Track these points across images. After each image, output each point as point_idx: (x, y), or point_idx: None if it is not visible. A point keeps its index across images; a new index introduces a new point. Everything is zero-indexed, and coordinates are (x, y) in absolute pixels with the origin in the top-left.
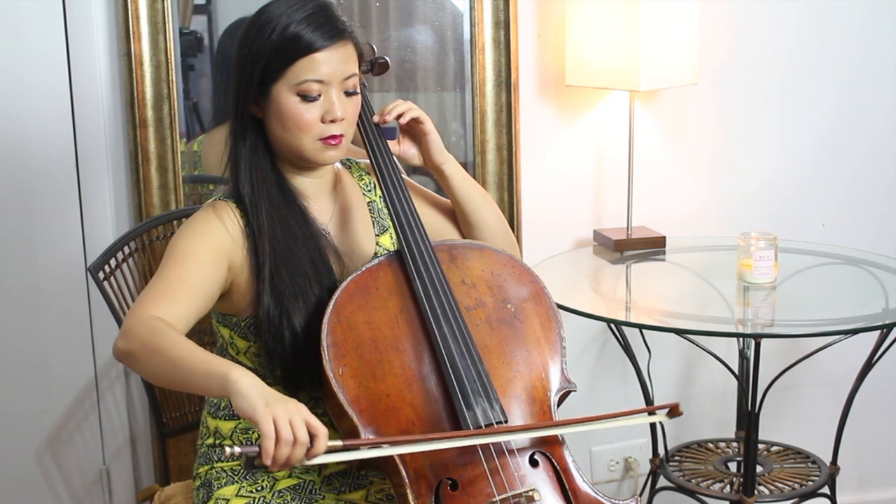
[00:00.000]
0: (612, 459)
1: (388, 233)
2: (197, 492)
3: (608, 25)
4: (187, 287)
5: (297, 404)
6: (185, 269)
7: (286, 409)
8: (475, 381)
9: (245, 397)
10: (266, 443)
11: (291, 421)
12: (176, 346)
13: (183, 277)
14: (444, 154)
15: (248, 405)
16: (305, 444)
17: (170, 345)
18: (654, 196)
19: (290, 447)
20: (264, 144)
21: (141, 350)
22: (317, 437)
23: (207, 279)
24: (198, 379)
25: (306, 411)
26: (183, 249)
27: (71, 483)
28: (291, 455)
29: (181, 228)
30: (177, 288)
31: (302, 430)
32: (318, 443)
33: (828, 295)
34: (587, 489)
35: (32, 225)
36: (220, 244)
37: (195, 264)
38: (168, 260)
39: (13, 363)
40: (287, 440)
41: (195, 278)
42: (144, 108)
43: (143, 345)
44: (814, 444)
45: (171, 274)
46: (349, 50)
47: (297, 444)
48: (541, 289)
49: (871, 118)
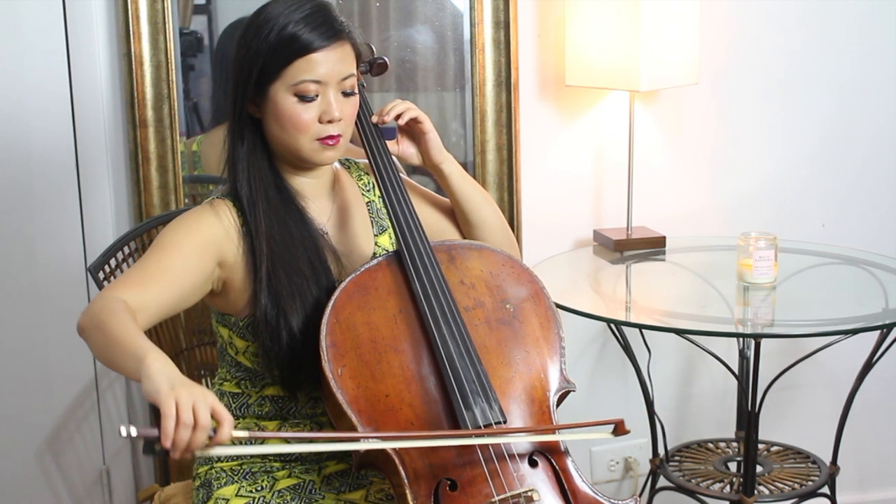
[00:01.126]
0: (612, 459)
1: (386, 233)
2: (197, 492)
3: (608, 25)
4: (165, 276)
5: (204, 390)
6: (167, 258)
7: (191, 393)
8: (474, 382)
9: (151, 380)
10: (166, 423)
11: (195, 405)
12: (119, 326)
13: (162, 265)
14: (443, 153)
15: (152, 387)
16: (207, 429)
17: (114, 324)
18: (654, 196)
19: (189, 430)
20: (262, 145)
21: (89, 326)
22: (221, 425)
23: (189, 272)
24: (123, 359)
25: (213, 398)
26: (171, 239)
27: (71, 483)
28: (192, 439)
29: (174, 221)
30: (153, 275)
31: (205, 415)
32: (223, 430)
33: (828, 295)
34: (586, 489)
35: (32, 225)
36: (209, 239)
37: (179, 255)
38: (153, 248)
39: (13, 363)
40: (187, 423)
41: (175, 269)
42: (144, 108)
43: (92, 321)
44: (814, 444)
45: (152, 261)
46: (347, 50)
47: (198, 429)
48: (540, 289)
49: (871, 118)
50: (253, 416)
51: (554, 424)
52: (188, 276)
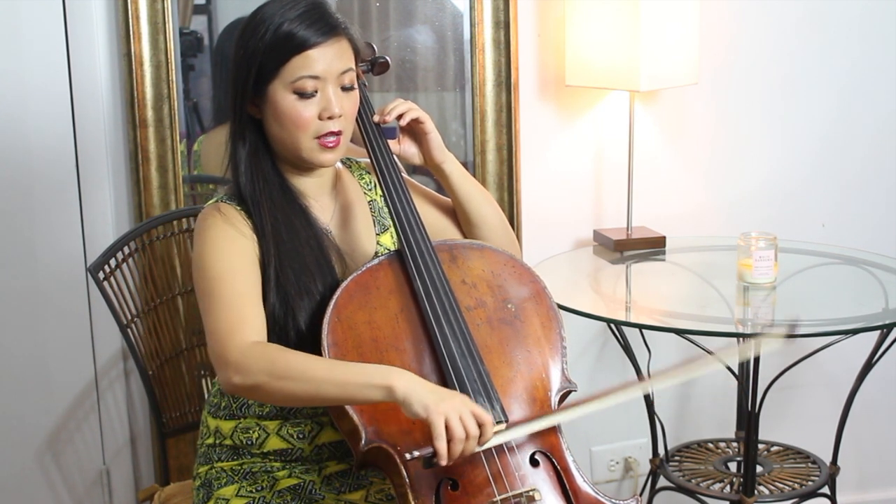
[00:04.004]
0: (612, 459)
1: (388, 232)
2: (197, 492)
3: (608, 25)
4: (250, 300)
5: (462, 397)
6: (236, 285)
7: (454, 407)
8: (476, 381)
9: (414, 401)
10: (439, 444)
11: (461, 417)
12: (308, 366)
13: (239, 293)
14: (444, 153)
15: (420, 408)
16: (476, 438)
17: (301, 366)
18: (654, 196)
19: (462, 443)
20: (264, 145)
21: (269, 379)
22: (484, 426)
23: (256, 285)
24: (353, 391)
25: (471, 402)
26: (221, 267)
27: (71, 483)
28: (465, 449)
29: (204, 247)
30: (244, 306)
31: (472, 425)
32: (486, 430)
33: (828, 295)
34: (588, 489)
35: (32, 225)
36: (246, 249)
37: (241, 276)
38: (212, 283)
39: (13, 363)
40: (460, 438)
41: (249, 289)
42: (144, 108)
43: (269, 374)
44: (814, 444)
45: (228, 294)
46: (343, 45)
47: (469, 439)
48: (541, 289)
49: (871, 118)
50: (253, 416)
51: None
52: (257, 290)
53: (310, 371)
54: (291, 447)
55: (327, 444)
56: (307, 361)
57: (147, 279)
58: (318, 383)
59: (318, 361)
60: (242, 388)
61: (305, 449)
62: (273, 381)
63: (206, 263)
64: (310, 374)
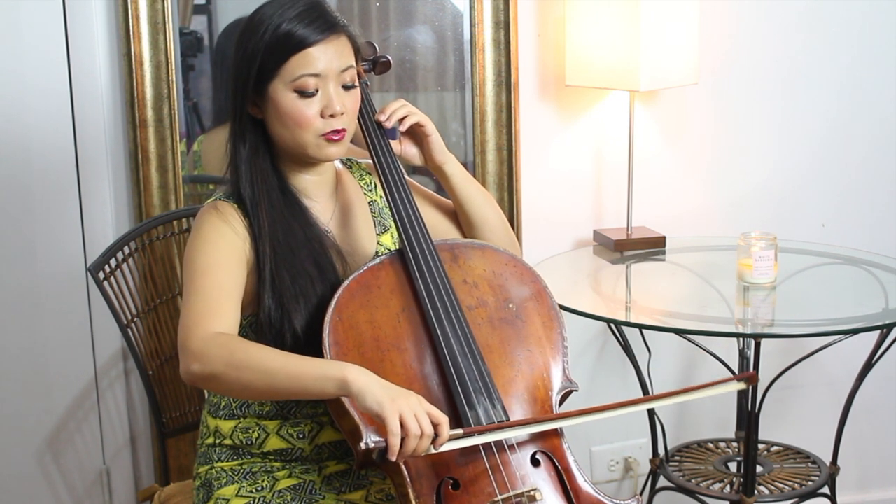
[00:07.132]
0: (612, 459)
1: (389, 232)
2: (197, 492)
3: (608, 25)
4: (226, 295)
5: (418, 397)
6: (217, 278)
7: (409, 404)
8: (477, 381)
9: (368, 396)
10: (393, 440)
11: (416, 415)
12: (264, 357)
13: (218, 286)
14: (445, 154)
15: (374, 403)
16: (430, 436)
17: (258, 357)
18: (654, 196)
19: (416, 440)
20: (264, 146)
21: (226, 369)
22: (440, 426)
23: (238, 283)
24: (307, 383)
25: (426, 403)
26: (206, 260)
27: (71, 483)
28: (418, 447)
29: (194, 241)
30: (218, 298)
31: (427, 423)
32: (442, 430)
33: (828, 295)
34: (588, 489)
35: (32, 225)
36: (236, 247)
37: (224, 271)
38: (194, 275)
39: (13, 363)
40: (415, 434)
41: (229, 284)
42: (144, 108)
43: (226, 364)
44: (814, 444)
45: (207, 286)
46: (343, 42)
47: (423, 437)
48: (542, 288)
49: (870, 118)
50: (254, 416)
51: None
52: (239, 287)
53: (266, 362)
54: (291, 447)
55: (327, 443)
56: (265, 353)
57: (147, 279)
58: (274, 374)
59: (276, 353)
60: (200, 378)
61: (305, 449)
62: (230, 371)
63: (193, 256)
64: (266, 365)
